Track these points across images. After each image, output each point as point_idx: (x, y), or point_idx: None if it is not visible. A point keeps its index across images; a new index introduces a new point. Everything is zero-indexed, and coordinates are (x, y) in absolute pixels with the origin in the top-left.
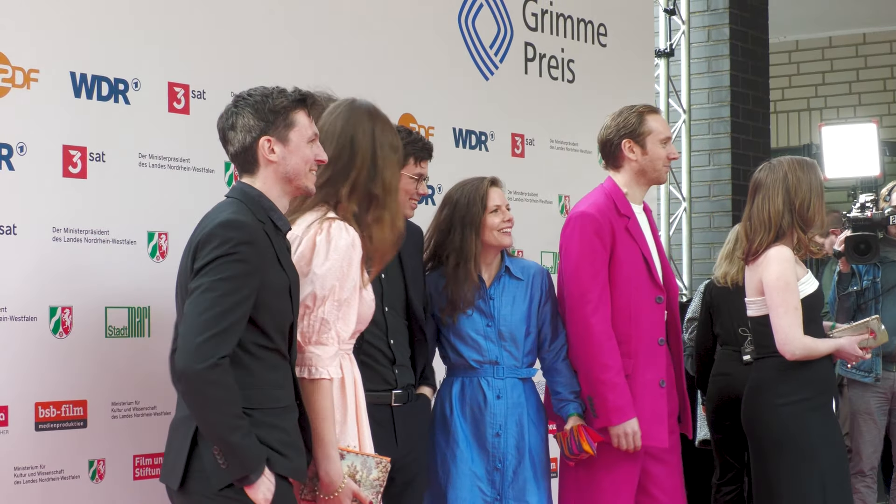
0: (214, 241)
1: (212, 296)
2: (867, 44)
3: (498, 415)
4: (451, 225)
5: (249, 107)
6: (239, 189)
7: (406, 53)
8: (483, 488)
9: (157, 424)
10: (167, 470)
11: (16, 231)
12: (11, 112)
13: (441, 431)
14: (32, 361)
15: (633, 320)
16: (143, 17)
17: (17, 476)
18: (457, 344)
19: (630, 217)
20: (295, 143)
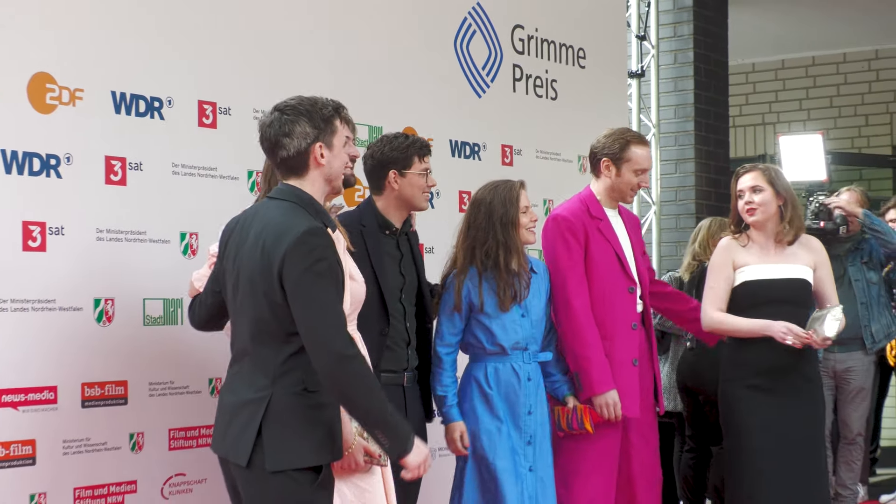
0: (306, 247)
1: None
2: (816, 65)
3: (529, 395)
4: (490, 225)
5: (303, 115)
6: (291, 192)
7: (409, 74)
8: (519, 460)
9: (189, 401)
10: (229, 446)
11: (63, 232)
12: (59, 126)
13: (484, 408)
14: (79, 347)
15: (608, 307)
16: (175, 42)
17: (65, 447)
18: (496, 332)
19: (602, 219)
20: (337, 148)
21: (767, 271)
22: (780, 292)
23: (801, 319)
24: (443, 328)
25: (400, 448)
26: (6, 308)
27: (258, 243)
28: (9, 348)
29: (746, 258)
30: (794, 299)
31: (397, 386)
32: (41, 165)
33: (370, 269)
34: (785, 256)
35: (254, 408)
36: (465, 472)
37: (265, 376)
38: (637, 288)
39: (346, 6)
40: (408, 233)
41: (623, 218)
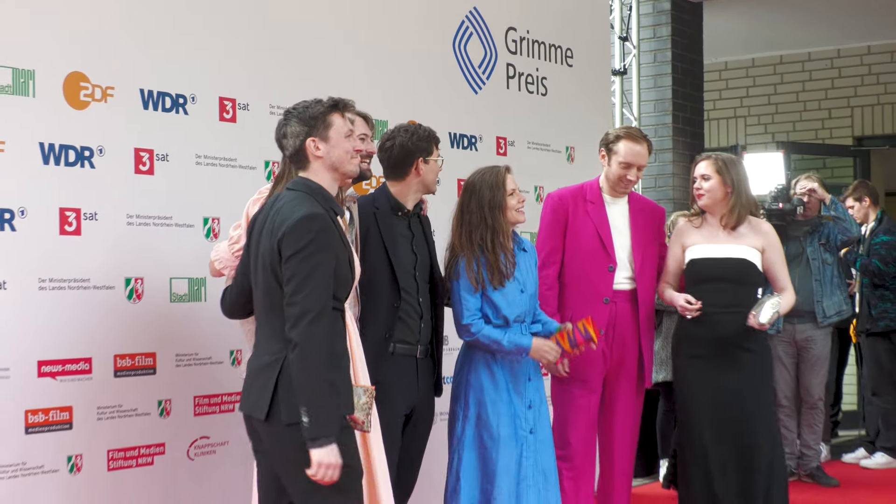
0: (301, 231)
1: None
2: (783, 63)
3: (529, 364)
4: (481, 210)
5: (294, 118)
6: (302, 183)
7: (412, 72)
8: (520, 423)
9: (212, 371)
10: (251, 404)
11: (97, 217)
12: (92, 121)
13: (489, 379)
14: (112, 322)
15: (583, 281)
16: (198, 44)
17: (99, 413)
18: (501, 305)
19: (595, 202)
20: (334, 140)
21: (712, 251)
22: (721, 271)
23: (742, 297)
24: (469, 304)
25: (312, 434)
26: (45, 287)
27: (270, 227)
28: (47, 324)
29: (696, 238)
30: (734, 278)
31: (411, 357)
32: (76, 157)
33: (382, 246)
34: (732, 238)
35: (270, 370)
36: (465, 436)
37: (277, 342)
38: (618, 268)
39: (354, 11)
40: (419, 215)
41: (631, 206)
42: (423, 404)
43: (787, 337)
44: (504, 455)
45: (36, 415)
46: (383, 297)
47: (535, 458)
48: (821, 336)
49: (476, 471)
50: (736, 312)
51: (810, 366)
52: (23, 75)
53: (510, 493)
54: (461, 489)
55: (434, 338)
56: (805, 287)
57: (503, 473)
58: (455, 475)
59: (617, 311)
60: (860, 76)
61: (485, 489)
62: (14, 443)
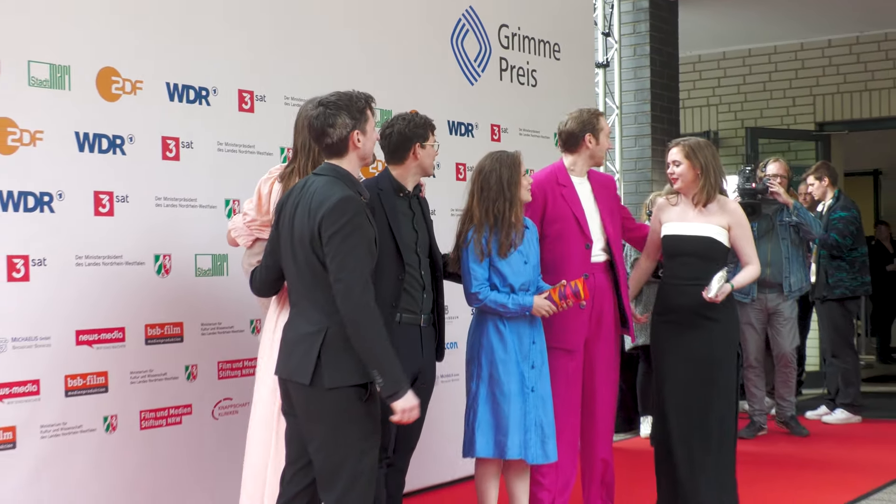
0: (339, 213)
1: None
2: (751, 56)
3: (533, 328)
4: (500, 186)
5: (343, 109)
6: (331, 169)
7: (413, 65)
8: (525, 381)
9: (234, 339)
10: (293, 369)
11: (128, 200)
12: (124, 112)
13: (498, 342)
14: (142, 294)
15: (565, 259)
16: (219, 41)
17: (132, 378)
18: (507, 274)
19: (567, 185)
20: (369, 133)
21: (681, 228)
22: (689, 247)
23: (708, 271)
24: (476, 274)
25: (390, 390)
26: (82, 263)
27: (307, 209)
28: (84, 297)
29: (670, 216)
30: (700, 253)
31: (415, 326)
32: (108, 144)
33: (386, 224)
34: (701, 217)
35: (313, 339)
36: (480, 394)
37: (318, 313)
38: (594, 244)
39: (361, 11)
40: (418, 196)
41: (592, 182)
42: (427, 368)
43: (759, 305)
44: (514, 409)
45: (75, 379)
46: (389, 271)
47: (535, 413)
48: (787, 305)
49: (490, 424)
50: (700, 285)
51: (780, 328)
52: (59, 70)
53: (520, 442)
54: (477, 441)
55: (435, 307)
56: (776, 260)
57: (514, 426)
58: (471, 428)
59: (595, 283)
60: (822, 67)
61: (498, 440)
62: (55, 405)
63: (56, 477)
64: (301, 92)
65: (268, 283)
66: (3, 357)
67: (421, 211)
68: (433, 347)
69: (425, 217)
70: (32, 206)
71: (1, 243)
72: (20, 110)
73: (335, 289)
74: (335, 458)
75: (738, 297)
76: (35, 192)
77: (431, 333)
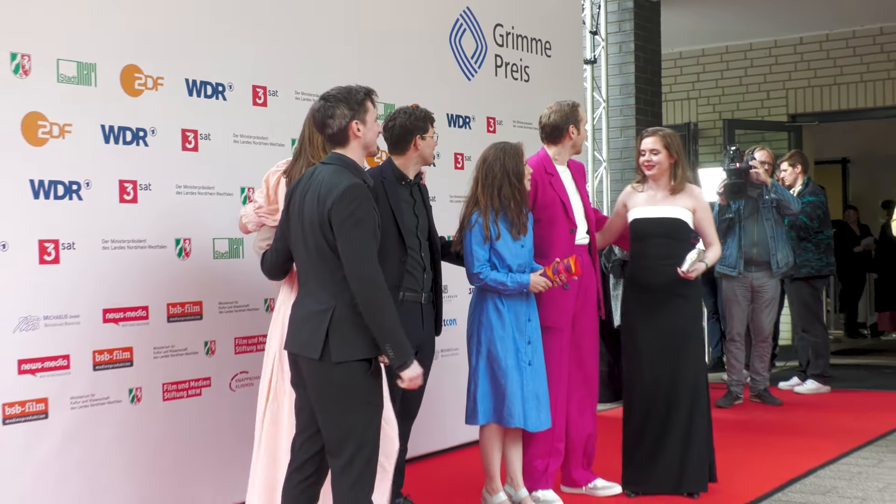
0: (348, 200)
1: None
2: (728, 52)
3: (529, 306)
4: (505, 175)
5: (342, 101)
6: (337, 158)
7: (415, 62)
8: (521, 356)
9: (250, 316)
10: (303, 345)
11: (151, 188)
12: (146, 107)
13: (497, 320)
14: (164, 275)
15: (553, 243)
16: (235, 39)
17: (155, 353)
18: (506, 256)
19: (554, 174)
20: (370, 123)
21: (650, 212)
22: (658, 228)
23: (676, 250)
24: (478, 255)
25: (401, 360)
26: (108, 247)
27: (315, 195)
28: (110, 278)
29: (638, 201)
30: (668, 234)
31: (416, 303)
32: (132, 137)
33: (389, 210)
34: (669, 201)
35: (321, 317)
36: (479, 368)
37: (326, 293)
38: (578, 228)
39: (366, 12)
40: (419, 185)
41: (571, 170)
42: (427, 342)
43: (745, 282)
44: (511, 382)
45: (102, 354)
46: (392, 253)
47: (532, 385)
48: (772, 283)
49: (489, 395)
50: (671, 263)
51: (762, 307)
52: (86, 68)
53: (518, 412)
54: (479, 410)
55: (434, 286)
56: (762, 240)
57: (512, 396)
58: (473, 399)
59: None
60: (794, 63)
61: (497, 409)
62: (84, 378)
63: (85, 445)
64: (310, 87)
65: (277, 265)
66: (35, 334)
67: (422, 198)
68: (433, 323)
69: (425, 203)
70: (62, 194)
71: (33, 228)
72: (50, 105)
73: (348, 271)
74: (343, 427)
75: (726, 271)
76: (64, 180)
77: (431, 310)
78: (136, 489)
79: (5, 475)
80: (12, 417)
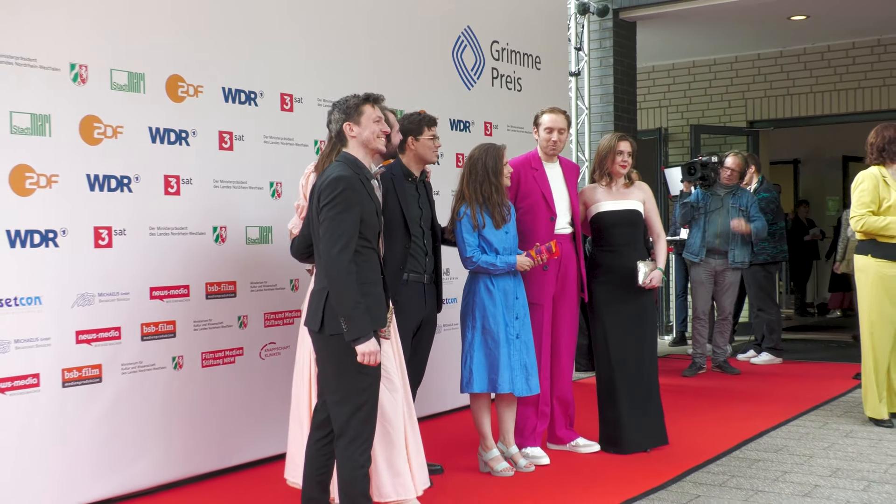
0: (330, 188)
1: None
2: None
3: (516, 286)
4: (485, 172)
5: (337, 108)
6: (343, 156)
7: (422, 73)
8: (510, 331)
9: (277, 294)
10: (310, 319)
11: (192, 182)
12: (188, 112)
13: (488, 298)
14: (203, 258)
15: (532, 229)
16: (265, 52)
17: (195, 326)
18: (493, 242)
19: (538, 169)
20: (364, 124)
21: (613, 205)
22: (620, 219)
23: (636, 236)
24: (469, 241)
25: (352, 336)
26: (154, 233)
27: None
28: (155, 261)
29: (601, 196)
30: (629, 223)
31: (419, 283)
32: (176, 137)
33: (397, 203)
34: (625, 195)
35: (320, 295)
36: (475, 342)
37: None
38: (559, 218)
39: (379, 28)
40: (424, 181)
41: (563, 167)
42: (429, 317)
43: (708, 268)
44: (503, 353)
45: (149, 327)
46: (398, 240)
47: (520, 355)
48: (731, 271)
49: (483, 366)
50: (633, 248)
51: (723, 290)
52: (136, 77)
53: (509, 379)
54: (474, 380)
55: (436, 269)
56: (724, 232)
57: (503, 366)
58: (468, 370)
59: (562, 250)
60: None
61: (491, 378)
62: (134, 348)
63: (133, 405)
64: (331, 95)
65: (300, 249)
66: (91, 309)
67: (426, 193)
68: (435, 300)
69: (429, 198)
70: (114, 187)
71: (89, 217)
72: (104, 109)
73: (320, 250)
74: (339, 392)
75: (690, 258)
76: (116, 175)
77: (433, 290)
78: (179, 443)
79: (66, 430)
80: (71, 381)
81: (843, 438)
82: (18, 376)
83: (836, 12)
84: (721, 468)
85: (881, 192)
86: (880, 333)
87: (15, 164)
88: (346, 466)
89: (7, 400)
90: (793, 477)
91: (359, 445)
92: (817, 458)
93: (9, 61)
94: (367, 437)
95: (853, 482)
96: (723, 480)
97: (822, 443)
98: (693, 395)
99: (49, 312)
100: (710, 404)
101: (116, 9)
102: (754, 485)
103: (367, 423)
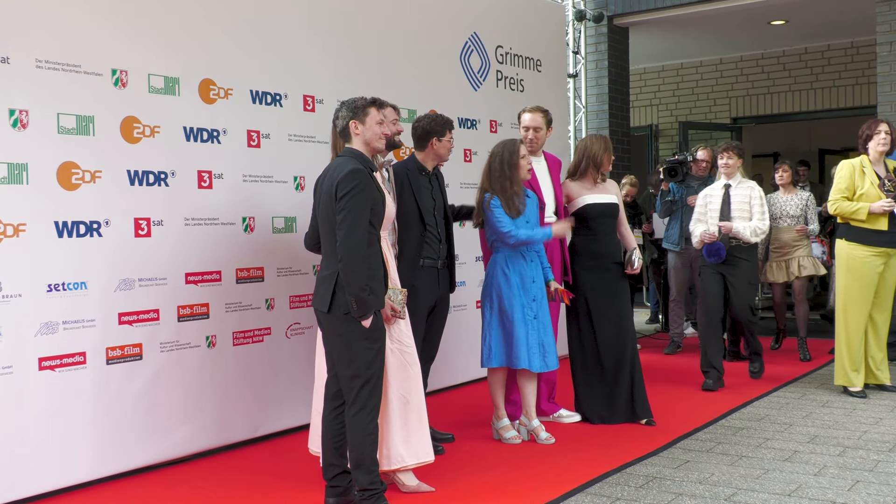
0: (348, 180)
1: (355, 212)
2: (683, 68)
3: (532, 270)
4: (501, 167)
5: (345, 106)
6: (349, 151)
7: (432, 76)
8: (527, 312)
9: (301, 279)
10: (318, 301)
11: (223, 177)
12: (219, 113)
13: (505, 281)
14: (233, 246)
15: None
16: (290, 58)
17: (227, 308)
18: (517, 224)
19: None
20: (368, 124)
21: (597, 198)
22: (602, 210)
23: (613, 226)
24: (504, 221)
25: (358, 314)
26: (189, 224)
27: (331, 178)
28: (189, 249)
29: (582, 191)
30: (609, 214)
31: (434, 268)
32: (207, 136)
33: (412, 195)
34: (604, 189)
35: (330, 279)
36: (492, 321)
37: (334, 259)
38: (547, 207)
39: (392, 34)
40: (437, 174)
41: (548, 161)
42: (443, 299)
43: (685, 256)
44: (519, 332)
45: (185, 309)
46: (414, 228)
47: (537, 334)
48: None
49: (501, 343)
50: (611, 236)
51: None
52: (171, 81)
53: (525, 356)
54: (493, 356)
55: (448, 255)
56: None
57: (519, 344)
58: (488, 347)
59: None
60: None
61: (508, 354)
62: (171, 327)
63: (171, 380)
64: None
65: (311, 239)
66: (132, 293)
67: (438, 185)
68: (447, 283)
69: (441, 189)
70: (152, 182)
71: (129, 209)
72: (143, 110)
73: (338, 236)
74: (350, 367)
75: (670, 247)
76: (154, 170)
77: (446, 273)
78: (212, 415)
79: (110, 404)
80: (114, 359)
81: (820, 408)
82: (67, 354)
83: (812, 17)
84: (708, 436)
85: (856, 180)
86: (853, 311)
87: (62, 162)
88: (356, 433)
89: (57, 376)
90: (774, 443)
91: (367, 414)
92: (797, 426)
93: (56, 67)
94: (373, 406)
95: (830, 448)
96: (710, 447)
97: (800, 412)
98: (677, 371)
99: (94, 296)
100: (693, 379)
101: (154, 19)
102: (739, 451)
103: (374, 394)
